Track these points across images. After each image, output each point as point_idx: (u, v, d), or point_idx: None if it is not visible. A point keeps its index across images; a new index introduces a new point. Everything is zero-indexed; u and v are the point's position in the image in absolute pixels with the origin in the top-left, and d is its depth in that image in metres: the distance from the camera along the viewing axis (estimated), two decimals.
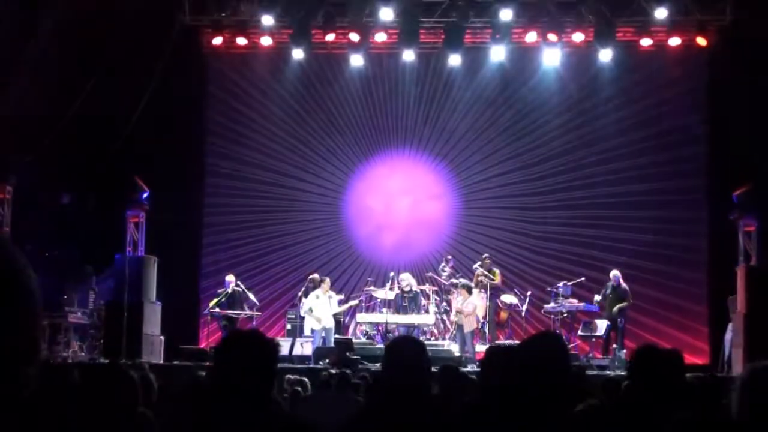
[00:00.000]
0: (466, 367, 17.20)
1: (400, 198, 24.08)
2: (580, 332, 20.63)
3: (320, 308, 20.58)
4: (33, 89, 20.16)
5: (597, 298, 20.77)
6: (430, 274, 22.63)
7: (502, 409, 4.70)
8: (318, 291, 20.78)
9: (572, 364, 5.17)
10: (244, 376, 4.12)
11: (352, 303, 21.81)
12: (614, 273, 20.75)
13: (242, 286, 21.31)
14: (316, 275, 21.57)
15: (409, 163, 23.99)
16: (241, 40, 23.04)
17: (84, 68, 21.05)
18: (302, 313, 20.86)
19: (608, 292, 20.68)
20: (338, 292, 21.63)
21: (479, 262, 21.57)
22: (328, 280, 21.20)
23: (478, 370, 5.94)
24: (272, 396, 4.40)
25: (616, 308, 20.36)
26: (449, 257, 22.41)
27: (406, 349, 5.06)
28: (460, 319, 20.09)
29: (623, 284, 20.65)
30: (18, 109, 19.68)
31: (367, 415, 5.00)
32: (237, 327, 21.22)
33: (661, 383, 4.83)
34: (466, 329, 20.00)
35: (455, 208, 23.88)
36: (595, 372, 18.01)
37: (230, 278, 21.21)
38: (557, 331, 18.94)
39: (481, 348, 19.68)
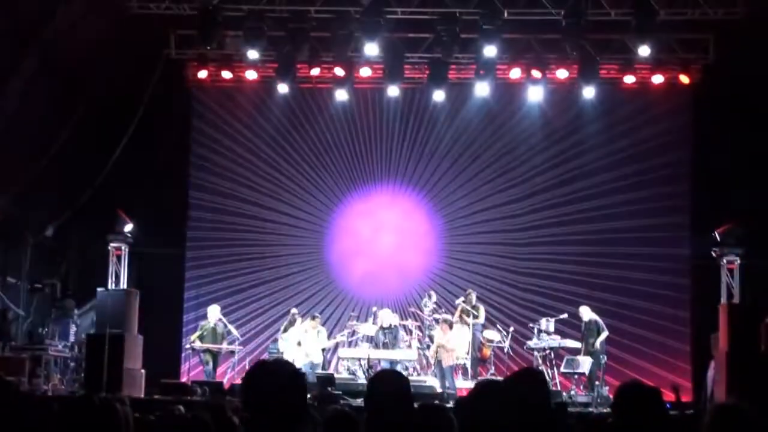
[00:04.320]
0: (448, 403, 17.11)
1: (384, 231, 24.00)
2: (562, 369, 20.58)
3: (309, 343, 20.58)
4: (16, 123, 20.14)
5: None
6: (412, 309, 22.60)
7: None
8: (306, 325, 20.80)
9: (553, 401, 5.16)
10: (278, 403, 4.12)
11: (340, 339, 21.80)
12: (581, 309, 20.92)
13: (224, 320, 21.21)
14: (295, 310, 21.61)
15: (393, 197, 23.96)
16: (227, 74, 23.05)
17: (69, 102, 21.04)
18: (281, 348, 20.82)
19: (582, 329, 20.79)
20: (322, 325, 21.64)
21: (462, 298, 21.53)
22: (318, 317, 21.27)
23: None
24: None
25: (598, 343, 20.39)
26: (432, 292, 22.35)
27: (389, 382, 5.04)
28: (440, 353, 20.03)
29: (592, 316, 20.74)
30: (1, 143, 19.67)
31: None
32: (219, 362, 21.16)
33: (644, 420, 4.83)
34: (445, 364, 19.92)
35: (439, 243, 23.83)
36: (577, 409, 17.99)
37: (213, 310, 21.09)
38: (539, 368, 18.93)
39: (462, 384, 19.67)
